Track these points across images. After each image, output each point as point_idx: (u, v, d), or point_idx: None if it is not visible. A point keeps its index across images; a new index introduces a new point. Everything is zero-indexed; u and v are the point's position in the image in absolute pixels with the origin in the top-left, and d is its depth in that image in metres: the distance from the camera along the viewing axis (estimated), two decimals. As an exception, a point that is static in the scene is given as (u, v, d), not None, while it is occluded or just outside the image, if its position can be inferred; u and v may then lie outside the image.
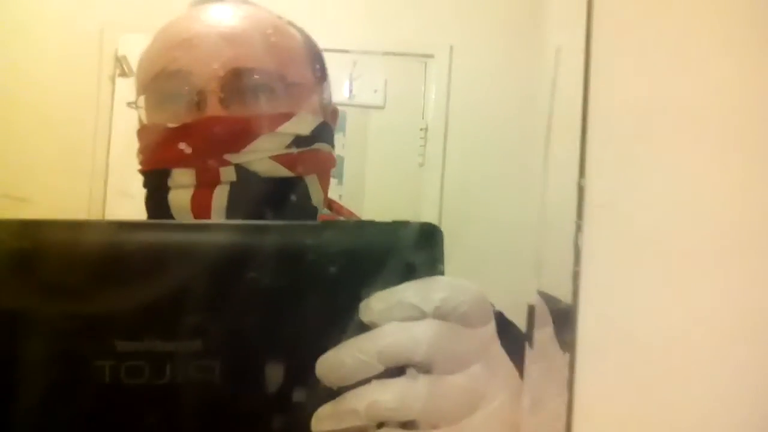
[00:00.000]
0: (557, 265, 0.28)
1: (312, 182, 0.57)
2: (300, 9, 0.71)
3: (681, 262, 0.25)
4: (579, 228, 0.25)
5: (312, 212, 0.59)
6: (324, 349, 0.30)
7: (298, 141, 0.56)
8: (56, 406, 0.31)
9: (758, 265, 0.25)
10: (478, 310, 0.31)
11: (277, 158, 0.54)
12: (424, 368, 0.29)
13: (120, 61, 1.98)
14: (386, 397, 0.29)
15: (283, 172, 0.55)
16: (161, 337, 0.30)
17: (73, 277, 0.31)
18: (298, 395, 0.31)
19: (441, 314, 0.30)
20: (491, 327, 0.32)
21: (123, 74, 1.98)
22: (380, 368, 0.29)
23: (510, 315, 0.53)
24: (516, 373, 0.32)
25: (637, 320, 0.25)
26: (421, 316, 0.30)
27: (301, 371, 0.30)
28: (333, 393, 0.30)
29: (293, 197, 0.56)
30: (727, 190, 0.25)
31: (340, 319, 0.31)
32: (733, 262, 0.25)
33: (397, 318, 0.30)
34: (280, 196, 0.55)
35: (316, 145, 0.58)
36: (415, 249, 0.32)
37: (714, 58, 0.26)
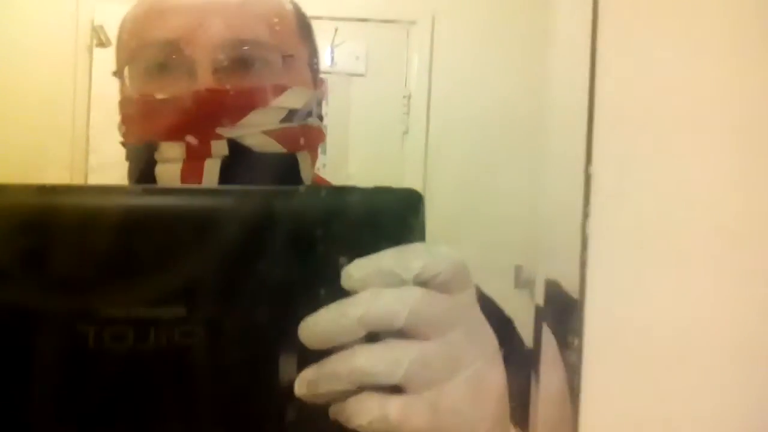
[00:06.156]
0: (563, 252, 0.27)
1: (303, 159, 0.57)
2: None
3: (688, 251, 0.25)
4: (587, 216, 0.25)
5: None
6: (306, 314, 0.30)
7: (292, 116, 0.55)
8: (39, 370, 0.31)
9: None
10: (458, 277, 0.31)
11: (270, 133, 0.53)
12: (405, 334, 0.30)
13: (97, 31, 1.95)
14: (367, 361, 0.29)
15: (276, 147, 0.54)
16: (145, 303, 0.31)
17: (56, 242, 0.31)
18: (281, 359, 0.31)
19: (421, 281, 0.30)
20: (470, 293, 0.32)
21: (100, 44, 1.95)
22: (361, 333, 0.30)
23: (491, 281, 0.54)
24: (494, 339, 0.33)
25: (644, 310, 0.25)
26: (401, 283, 0.30)
27: (284, 335, 0.31)
28: (315, 357, 0.31)
29: (285, 174, 0.55)
30: (735, 178, 0.25)
31: (322, 284, 0.31)
32: (743, 252, 0.25)
33: (377, 285, 0.30)
34: (271, 172, 0.54)
35: (309, 120, 0.57)
36: (396, 215, 0.32)
37: (722, 46, 0.25)
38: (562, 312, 0.29)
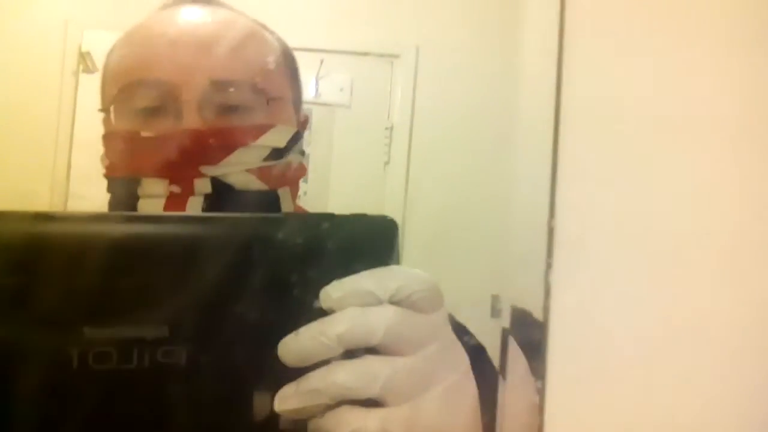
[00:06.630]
0: (527, 275, 0.28)
1: (284, 195, 0.58)
2: (267, 7, 0.71)
3: (649, 300, 0.26)
4: (549, 266, 0.26)
5: None
6: (285, 334, 0.32)
7: (274, 153, 0.56)
8: (23, 392, 0.32)
9: (726, 296, 0.26)
10: (431, 297, 0.33)
11: (252, 171, 0.54)
12: (381, 350, 0.31)
13: (84, 57, 1.96)
14: (345, 377, 0.31)
15: (258, 185, 0.54)
16: (129, 324, 0.31)
17: (41, 265, 0.32)
18: (262, 378, 0.32)
19: (396, 301, 0.32)
20: (443, 313, 0.34)
21: (87, 70, 1.96)
22: (339, 350, 0.31)
23: (467, 310, 0.55)
24: (466, 357, 0.34)
25: (609, 356, 0.26)
26: (378, 302, 0.32)
27: (264, 355, 0.32)
28: (294, 375, 0.32)
29: (266, 210, 0.56)
30: (697, 231, 0.26)
31: (301, 306, 0.32)
32: (701, 293, 0.26)
33: (355, 304, 0.31)
34: (253, 209, 0.55)
35: (290, 157, 0.58)
36: (372, 240, 0.33)
37: (682, 107, 0.26)
38: (530, 339, 0.30)
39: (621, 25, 0.27)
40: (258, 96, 0.55)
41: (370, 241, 0.33)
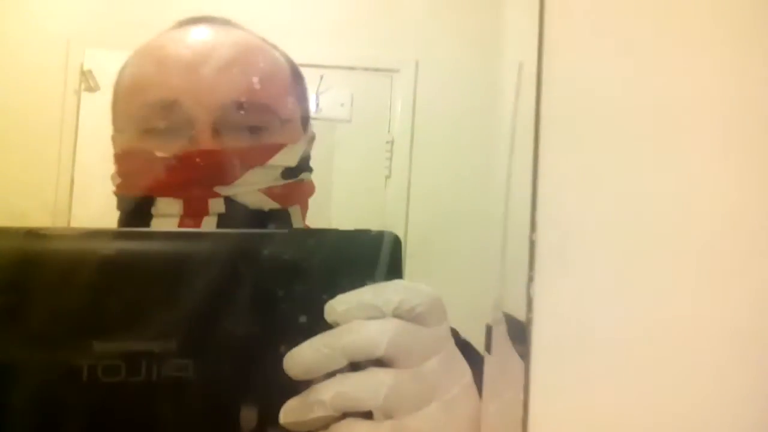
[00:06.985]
0: (517, 285, 0.29)
1: (295, 213, 0.59)
2: (268, 23, 0.72)
3: (627, 316, 0.27)
4: (531, 279, 0.27)
5: None
6: (290, 347, 0.32)
7: (286, 173, 0.57)
8: (34, 405, 0.32)
9: (707, 305, 0.27)
10: (434, 310, 0.33)
11: (265, 191, 0.55)
12: (385, 363, 0.32)
13: (86, 75, 1.97)
14: (350, 388, 0.31)
15: (271, 204, 0.55)
16: (137, 338, 0.32)
17: (52, 281, 0.32)
18: (268, 390, 0.33)
19: (399, 314, 0.32)
20: (445, 326, 0.34)
21: (89, 89, 1.97)
22: (344, 362, 0.31)
23: (469, 322, 0.55)
24: (469, 370, 0.35)
25: (588, 381, 0.27)
26: (381, 315, 0.32)
27: (271, 368, 0.32)
28: (300, 388, 0.32)
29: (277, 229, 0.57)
30: (670, 236, 0.27)
31: (305, 319, 0.33)
32: (681, 302, 0.27)
33: (358, 317, 0.32)
34: (264, 227, 0.56)
35: (301, 176, 0.59)
36: (375, 255, 0.34)
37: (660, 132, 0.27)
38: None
39: (599, 44, 0.28)
40: (270, 116, 0.56)
41: (373, 256, 0.34)
